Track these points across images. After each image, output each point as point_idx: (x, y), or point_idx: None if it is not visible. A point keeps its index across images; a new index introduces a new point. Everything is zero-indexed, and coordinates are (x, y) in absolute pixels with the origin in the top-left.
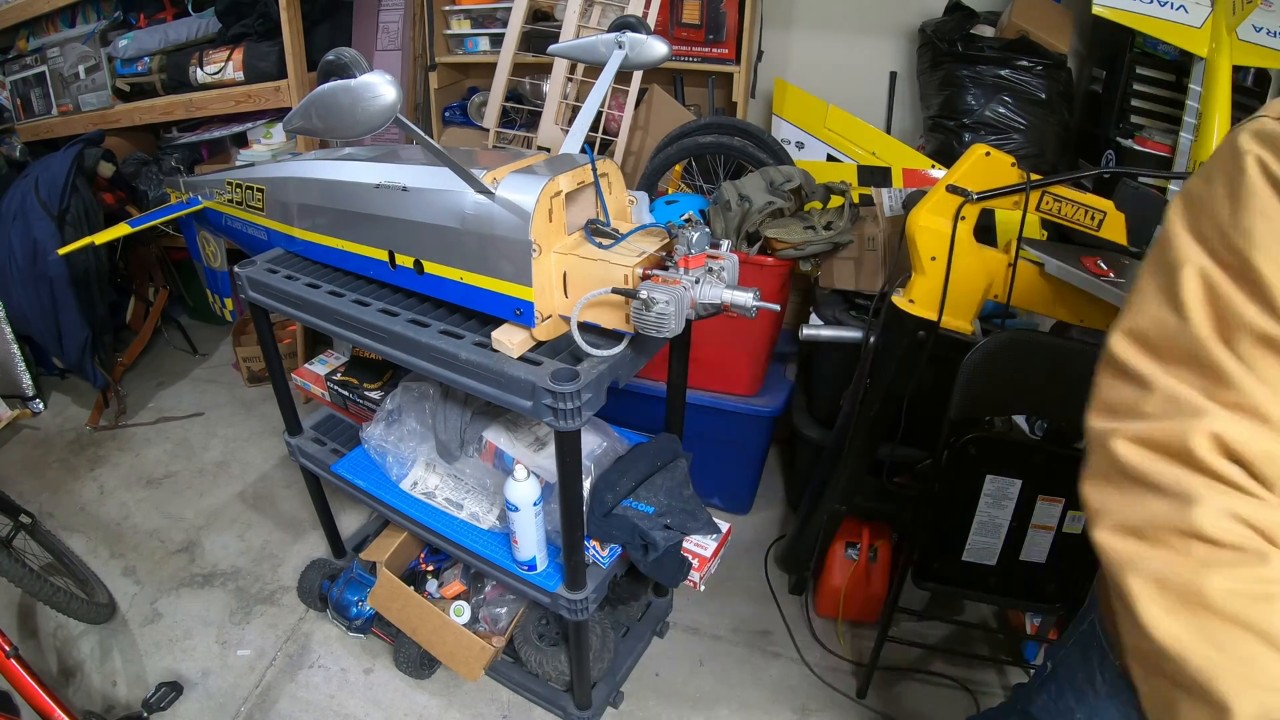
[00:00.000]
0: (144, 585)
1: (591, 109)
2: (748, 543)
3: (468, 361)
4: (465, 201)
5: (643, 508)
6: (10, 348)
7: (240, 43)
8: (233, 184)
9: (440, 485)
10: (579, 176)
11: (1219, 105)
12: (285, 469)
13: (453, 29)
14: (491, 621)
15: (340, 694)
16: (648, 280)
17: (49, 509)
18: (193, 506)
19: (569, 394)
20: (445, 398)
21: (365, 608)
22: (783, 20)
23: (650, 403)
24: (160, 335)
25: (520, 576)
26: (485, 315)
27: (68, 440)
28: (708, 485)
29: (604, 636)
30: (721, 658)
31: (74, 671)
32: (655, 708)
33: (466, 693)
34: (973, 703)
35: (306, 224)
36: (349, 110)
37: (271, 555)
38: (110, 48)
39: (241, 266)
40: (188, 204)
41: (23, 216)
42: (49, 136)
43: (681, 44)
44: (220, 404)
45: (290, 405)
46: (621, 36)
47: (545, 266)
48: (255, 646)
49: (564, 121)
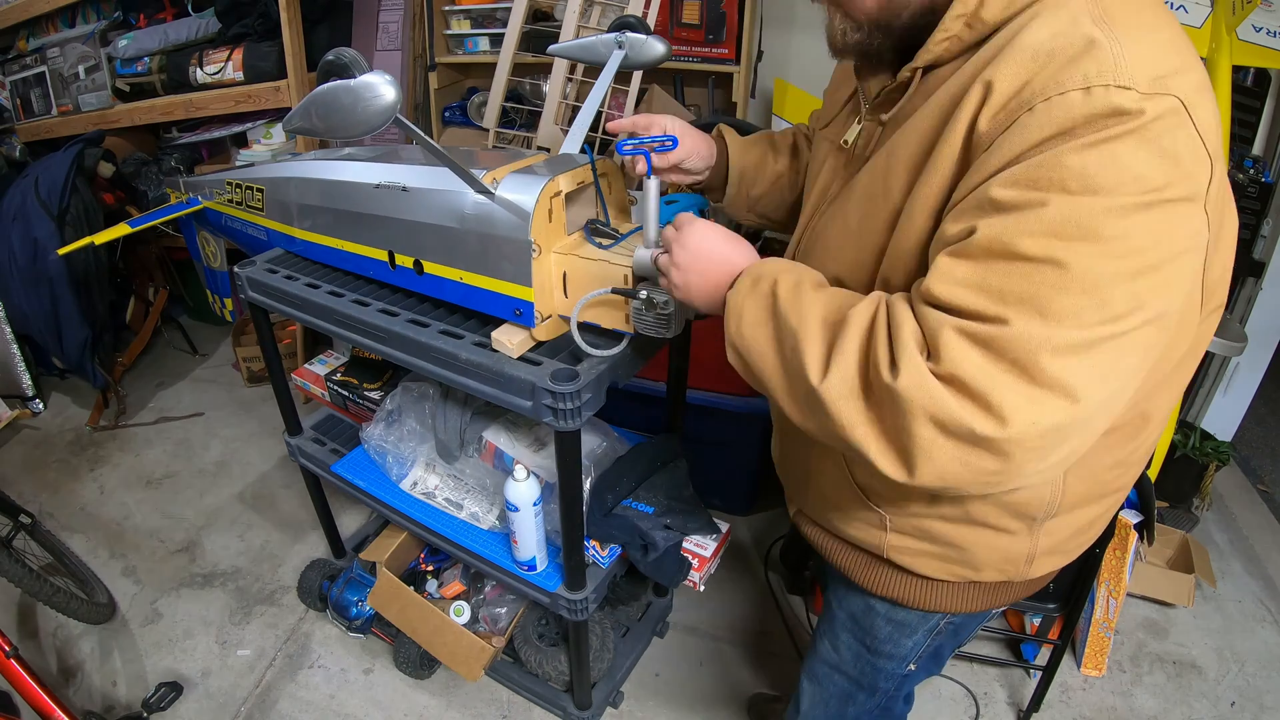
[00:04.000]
0: (144, 585)
1: (591, 109)
2: (748, 543)
3: (467, 361)
4: (465, 201)
5: (643, 508)
6: (10, 348)
7: (240, 43)
8: (232, 184)
9: (440, 485)
10: (579, 176)
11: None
12: (285, 469)
13: (453, 29)
14: (491, 621)
15: (340, 694)
16: (648, 280)
17: (49, 509)
18: (193, 506)
19: (569, 394)
20: (445, 398)
21: (365, 608)
22: (783, 20)
23: (650, 403)
24: (160, 335)
25: (520, 576)
26: (485, 315)
27: (68, 440)
28: (708, 485)
29: (604, 636)
30: (721, 658)
31: (74, 671)
32: (655, 708)
33: (466, 693)
34: (973, 702)
35: (306, 224)
36: (349, 110)
37: (271, 555)
38: (110, 48)
39: (241, 266)
40: (188, 204)
41: (23, 216)
42: (49, 136)
43: (681, 44)
44: (220, 404)
45: (290, 405)
46: (621, 36)
47: (545, 266)
48: (255, 646)
49: (564, 121)
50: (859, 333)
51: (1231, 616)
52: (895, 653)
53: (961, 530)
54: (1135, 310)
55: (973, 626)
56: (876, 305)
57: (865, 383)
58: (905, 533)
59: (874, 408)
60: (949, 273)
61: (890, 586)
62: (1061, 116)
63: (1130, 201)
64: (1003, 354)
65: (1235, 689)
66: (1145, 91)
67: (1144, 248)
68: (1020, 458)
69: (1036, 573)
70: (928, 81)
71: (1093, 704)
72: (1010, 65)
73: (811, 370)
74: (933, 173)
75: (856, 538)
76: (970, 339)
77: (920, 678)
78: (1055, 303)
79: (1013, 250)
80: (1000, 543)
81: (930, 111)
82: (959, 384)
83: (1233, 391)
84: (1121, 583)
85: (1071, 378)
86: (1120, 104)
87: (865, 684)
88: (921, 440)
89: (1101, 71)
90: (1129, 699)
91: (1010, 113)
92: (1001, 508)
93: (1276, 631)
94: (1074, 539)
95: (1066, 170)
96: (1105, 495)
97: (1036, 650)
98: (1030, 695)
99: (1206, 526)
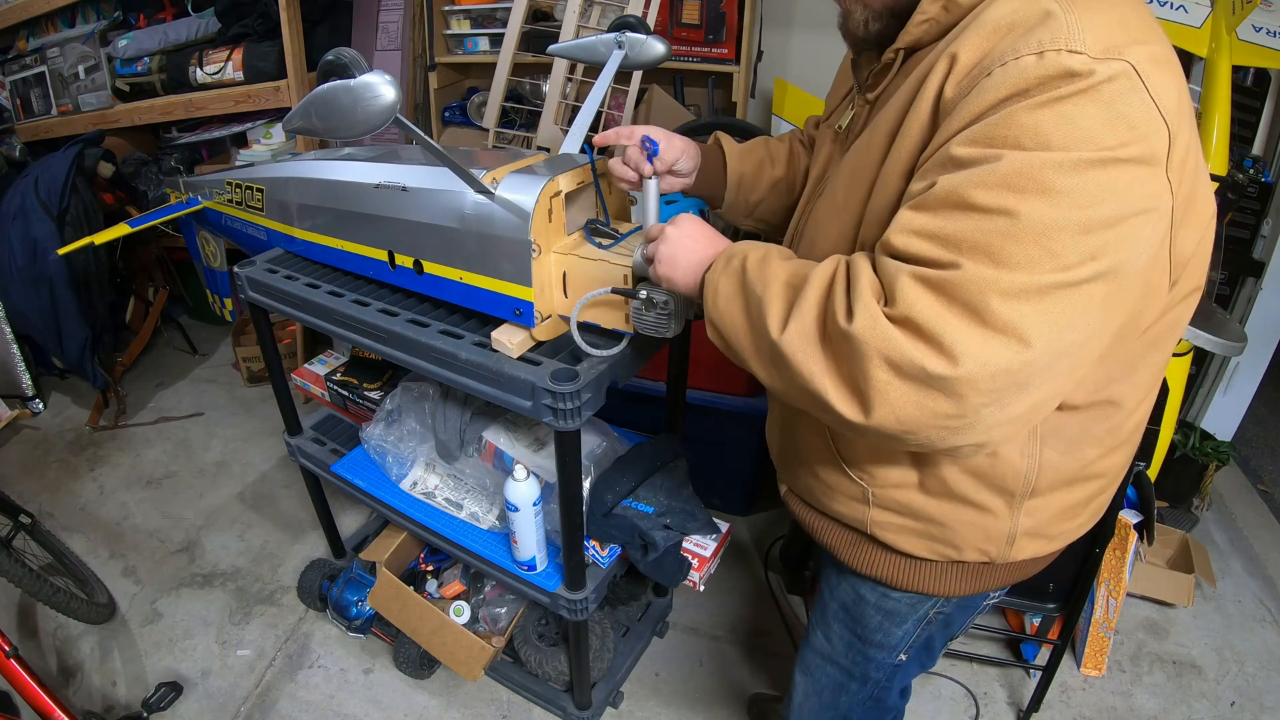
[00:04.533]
0: (144, 585)
1: (591, 109)
2: (748, 543)
3: (467, 361)
4: (465, 201)
5: (642, 508)
6: (10, 348)
7: (240, 43)
8: (232, 184)
9: (440, 485)
10: (579, 176)
11: (1219, 105)
12: (285, 469)
13: (453, 29)
14: (491, 621)
15: (340, 694)
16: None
17: (49, 509)
18: (193, 506)
19: (568, 394)
20: (445, 398)
21: (365, 608)
22: (783, 20)
23: (650, 403)
24: (160, 335)
25: (520, 576)
26: (485, 315)
27: (68, 440)
28: (708, 485)
29: (604, 636)
30: (721, 658)
31: (74, 671)
32: (655, 708)
33: (466, 693)
34: (973, 702)
35: (306, 224)
36: (349, 110)
37: (271, 555)
38: (110, 48)
39: (241, 266)
40: (187, 204)
41: (23, 216)
42: (49, 136)
43: (681, 44)
44: (220, 404)
45: (290, 405)
46: (621, 36)
47: (545, 266)
48: (255, 646)
49: (564, 121)
50: (818, 288)
51: (1231, 616)
52: (886, 642)
53: (943, 506)
54: (1086, 261)
55: (963, 618)
56: (836, 264)
57: (823, 331)
58: (888, 507)
59: (831, 354)
60: (907, 224)
61: (875, 565)
62: (1016, 78)
63: (1082, 157)
64: (954, 296)
65: (1235, 689)
66: (1096, 56)
67: (1095, 202)
68: (975, 400)
69: (1019, 555)
70: (910, 63)
71: (1093, 704)
72: (973, 38)
73: (773, 326)
74: (904, 139)
75: (841, 513)
76: (924, 283)
77: (914, 671)
78: (1006, 250)
79: (967, 201)
80: (982, 520)
81: (909, 86)
82: (912, 325)
83: (1233, 391)
84: (1121, 583)
85: (1021, 321)
86: (1071, 65)
87: (857, 674)
88: (877, 381)
89: (1055, 38)
90: (1129, 699)
91: (972, 79)
92: (979, 479)
93: (1276, 631)
94: (1056, 523)
95: (1020, 127)
96: (1087, 479)
97: (1036, 650)
98: (1030, 695)
99: (1206, 526)
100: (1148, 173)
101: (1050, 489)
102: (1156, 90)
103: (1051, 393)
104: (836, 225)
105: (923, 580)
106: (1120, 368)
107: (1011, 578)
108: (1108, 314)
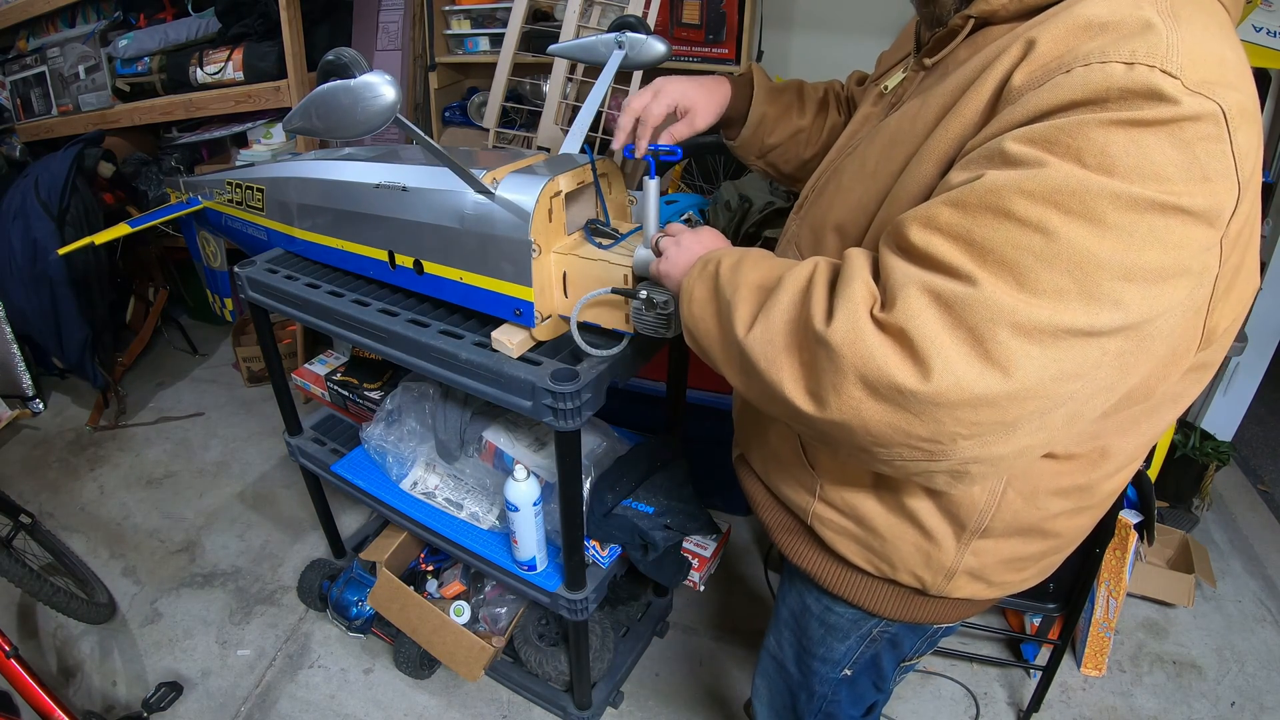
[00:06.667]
0: (144, 585)
1: (591, 109)
2: (748, 543)
3: (467, 361)
4: (465, 201)
5: (642, 508)
6: (10, 348)
7: (240, 43)
8: (232, 184)
9: (440, 485)
10: (579, 176)
11: None
12: (285, 469)
13: (453, 29)
14: (491, 621)
15: (340, 694)
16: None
17: (49, 509)
18: (193, 506)
19: (569, 394)
20: (445, 398)
21: (365, 608)
22: (783, 20)
23: (650, 403)
24: (160, 335)
25: (520, 576)
26: (485, 315)
27: (68, 440)
28: (708, 485)
29: (604, 636)
30: (721, 658)
31: (74, 671)
32: (655, 708)
33: (466, 693)
34: (973, 702)
35: (306, 224)
36: (349, 110)
37: (271, 555)
38: (110, 48)
39: (241, 266)
40: (188, 204)
41: (23, 216)
42: (49, 136)
43: (681, 44)
44: (220, 404)
45: (290, 405)
46: (621, 36)
47: (545, 266)
48: (255, 646)
49: (564, 121)
50: (791, 290)
51: (1231, 616)
52: (829, 656)
53: (889, 520)
54: (1115, 309)
55: (913, 641)
56: (815, 265)
57: (795, 334)
58: (832, 504)
59: (801, 359)
60: (934, 218)
61: (806, 559)
62: (1098, 83)
63: (1143, 194)
64: (962, 319)
65: (1235, 689)
66: (1189, 87)
67: (1143, 247)
68: (950, 427)
69: (955, 592)
70: (979, 37)
71: (1093, 704)
72: (1059, 29)
73: (739, 326)
74: (956, 117)
75: (787, 496)
76: (934, 298)
77: (869, 694)
78: (1034, 272)
79: (1004, 206)
80: (925, 546)
81: (974, 63)
82: (901, 336)
83: (1233, 391)
84: (1121, 583)
85: (1026, 360)
86: (1161, 87)
87: (805, 685)
88: (848, 395)
89: (1151, 53)
90: (1129, 699)
91: (1048, 72)
92: (934, 502)
93: (1276, 631)
94: (1001, 570)
95: (1087, 140)
96: (1044, 535)
97: (1036, 650)
98: (1030, 695)
99: (1206, 526)
100: (1205, 233)
101: (1004, 534)
102: (1240, 146)
103: (1044, 441)
104: (859, 192)
105: (849, 587)
106: (1114, 424)
107: (945, 615)
108: (1122, 372)
